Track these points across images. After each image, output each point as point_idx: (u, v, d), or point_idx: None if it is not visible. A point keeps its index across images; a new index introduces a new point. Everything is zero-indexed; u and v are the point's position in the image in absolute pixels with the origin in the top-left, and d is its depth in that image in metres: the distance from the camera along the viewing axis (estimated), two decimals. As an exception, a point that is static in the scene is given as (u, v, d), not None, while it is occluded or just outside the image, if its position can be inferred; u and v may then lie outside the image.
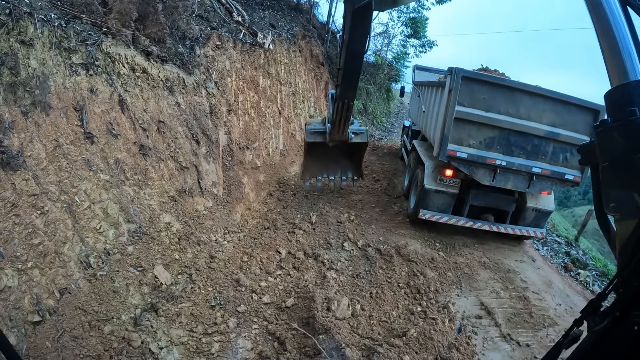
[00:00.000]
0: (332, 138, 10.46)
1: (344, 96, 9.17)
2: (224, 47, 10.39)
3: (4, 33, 5.47)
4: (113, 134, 7.27)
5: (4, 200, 5.37)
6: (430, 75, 14.76)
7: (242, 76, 11.47)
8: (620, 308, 1.62)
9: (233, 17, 10.91)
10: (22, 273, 5.29)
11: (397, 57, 26.71)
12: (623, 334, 1.60)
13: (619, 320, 1.61)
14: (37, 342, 4.99)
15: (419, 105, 12.75)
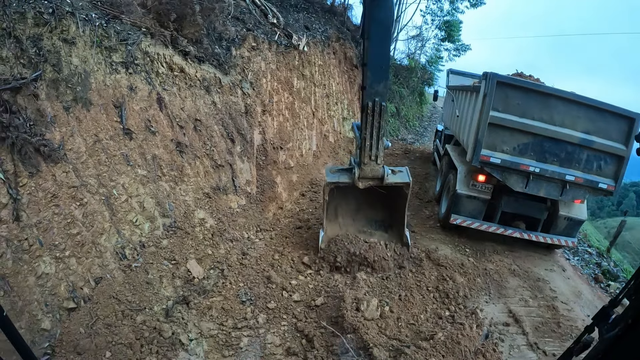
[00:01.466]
0: (364, 173, 7.47)
1: (373, 93, 7.02)
2: (259, 48, 10.37)
3: (47, 31, 5.56)
4: (151, 130, 7.32)
5: (44, 191, 5.45)
6: (464, 80, 14.44)
7: (276, 77, 11.42)
8: (633, 315, 1.56)
9: (268, 19, 10.88)
10: (59, 261, 5.35)
11: (431, 61, 26.19)
12: (635, 341, 1.54)
13: (630, 328, 1.55)
14: (71, 328, 5.02)
15: (453, 110, 12.44)
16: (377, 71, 7.01)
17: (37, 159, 5.40)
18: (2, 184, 4.97)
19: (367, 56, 6.97)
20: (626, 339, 1.57)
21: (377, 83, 7.06)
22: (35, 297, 4.91)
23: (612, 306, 1.82)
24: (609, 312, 1.82)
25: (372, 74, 7.01)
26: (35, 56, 5.41)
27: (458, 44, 25.91)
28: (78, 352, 4.81)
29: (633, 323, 1.55)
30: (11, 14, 5.11)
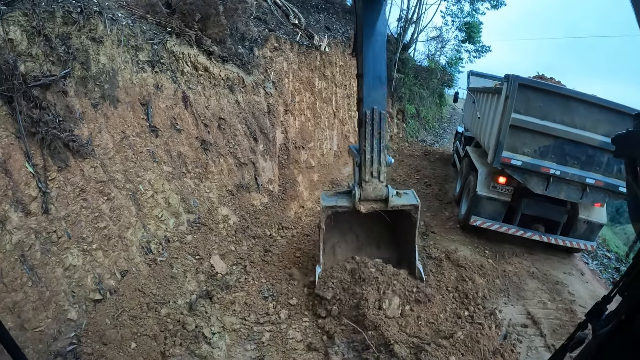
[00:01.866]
0: (366, 194, 6.22)
1: (371, 101, 6.25)
2: (281, 48, 10.29)
3: (75, 30, 5.56)
4: (176, 128, 7.29)
5: (73, 185, 5.44)
6: (485, 82, 14.15)
7: (298, 77, 11.33)
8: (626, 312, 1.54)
9: (290, 20, 10.79)
10: (86, 253, 5.32)
11: (451, 62, 25.59)
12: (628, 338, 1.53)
13: (624, 324, 1.54)
14: (97, 319, 4.98)
15: (474, 112, 12.18)
16: (374, 80, 6.33)
17: (66, 154, 5.39)
18: (32, 177, 4.97)
19: (362, 66, 6.33)
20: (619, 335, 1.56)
21: (374, 91, 6.35)
22: (63, 288, 4.88)
23: (605, 303, 1.78)
24: (602, 308, 1.78)
25: (368, 83, 6.33)
26: (64, 54, 5.41)
27: (478, 45, 25.27)
28: (104, 342, 4.76)
29: (626, 319, 1.53)
30: (40, 13, 5.11)
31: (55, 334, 4.61)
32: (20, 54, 4.93)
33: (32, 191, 4.93)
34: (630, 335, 1.52)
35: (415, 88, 20.78)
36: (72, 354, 4.60)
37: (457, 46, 25.16)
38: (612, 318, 1.62)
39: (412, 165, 15.94)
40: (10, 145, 4.80)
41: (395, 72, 17.82)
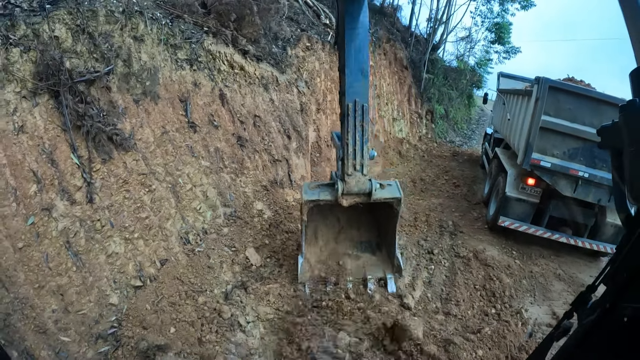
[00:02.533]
0: (349, 187, 5.79)
1: (353, 93, 5.77)
2: (313, 48, 10.12)
3: (118, 28, 5.54)
4: (214, 124, 7.23)
5: (116, 177, 5.43)
6: (515, 83, 13.62)
7: (330, 77, 11.12)
8: (610, 300, 1.54)
9: (321, 20, 10.60)
10: (128, 242, 5.29)
11: (480, 63, 24.55)
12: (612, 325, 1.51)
13: (608, 312, 1.53)
14: (138, 304, 4.92)
15: (504, 113, 11.72)
16: (356, 73, 5.87)
17: (109, 147, 5.38)
18: (77, 168, 4.96)
19: (344, 59, 5.90)
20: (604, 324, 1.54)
21: (357, 83, 5.86)
22: (105, 274, 4.85)
23: (590, 291, 1.76)
24: (587, 297, 1.76)
25: (351, 75, 5.86)
26: (107, 51, 5.40)
27: (508, 46, 24.11)
28: (144, 327, 4.69)
29: (610, 307, 1.52)
30: (84, 12, 5.11)
31: (97, 317, 4.57)
32: (66, 50, 4.94)
33: (77, 181, 4.93)
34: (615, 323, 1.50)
35: (444, 89, 20.16)
36: (113, 336, 4.55)
37: (486, 47, 24.06)
38: (597, 306, 1.60)
39: (441, 166, 15.44)
40: (57, 137, 4.81)
41: (425, 72, 17.35)
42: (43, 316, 4.13)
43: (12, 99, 4.37)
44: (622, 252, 1.54)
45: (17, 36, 4.44)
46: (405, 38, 16.27)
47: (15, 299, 3.97)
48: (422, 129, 18.87)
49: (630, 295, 1.46)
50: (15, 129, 4.38)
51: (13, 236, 4.16)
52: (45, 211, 4.52)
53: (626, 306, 1.44)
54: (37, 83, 4.58)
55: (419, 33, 18.37)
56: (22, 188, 4.35)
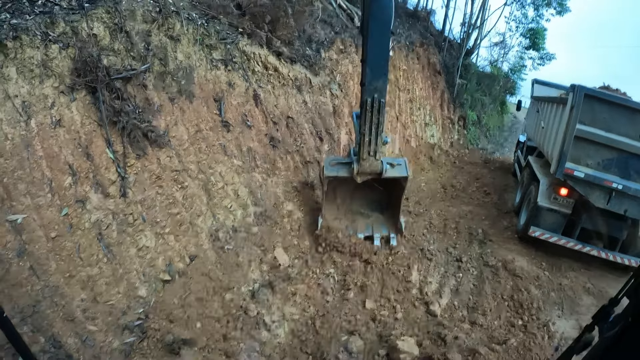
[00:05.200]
0: (363, 169, 6.65)
1: (372, 90, 6.12)
2: (346, 51, 9.88)
3: (155, 28, 5.49)
4: (247, 124, 7.11)
5: (150, 172, 5.35)
6: (549, 90, 12.91)
7: (363, 80, 10.84)
8: (633, 314, 1.47)
9: (354, 23, 10.32)
10: (159, 236, 5.19)
11: (514, 69, 23.55)
12: (635, 340, 1.43)
13: (630, 327, 1.45)
14: (165, 298, 4.81)
15: (538, 121, 11.12)
16: (376, 68, 6.12)
17: (144, 143, 5.31)
18: (112, 162, 4.91)
19: (365, 52, 6.07)
20: (626, 338, 1.46)
21: (376, 79, 6.17)
22: (135, 266, 4.76)
23: (612, 305, 1.69)
24: (609, 311, 1.70)
25: (371, 70, 6.10)
26: (144, 50, 5.36)
27: (542, 52, 23.01)
28: (170, 320, 4.56)
29: (633, 322, 1.45)
30: (122, 11, 5.08)
31: (125, 308, 4.47)
32: (103, 48, 4.91)
33: (111, 175, 4.88)
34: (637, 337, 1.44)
35: (477, 94, 19.40)
36: (140, 328, 4.44)
37: (520, 53, 23.07)
38: (619, 320, 1.54)
39: (472, 173, 14.80)
40: (93, 132, 4.77)
41: (458, 77, 16.74)
42: (72, 305, 4.05)
43: (50, 93, 4.35)
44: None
45: (56, 33, 4.42)
46: (438, 42, 15.73)
47: (45, 286, 3.91)
48: (454, 135, 18.22)
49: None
50: (53, 122, 4.35)
51: (47, 226, 4.11)
52: (79, 203, 4.46)
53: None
54: (75, 79, 4.55)
55: (453, 37, 17.68)
56: (57, 180, 4.31)
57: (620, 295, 1.64)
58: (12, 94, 3.99)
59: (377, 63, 6.12)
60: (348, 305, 6.04)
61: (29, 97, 4.15)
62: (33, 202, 4.06)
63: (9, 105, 3.97)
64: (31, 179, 4.08)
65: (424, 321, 5.84)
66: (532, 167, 9.65)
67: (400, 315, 5.88)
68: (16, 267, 3.76)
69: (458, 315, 6.19)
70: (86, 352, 3.94)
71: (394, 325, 5.63)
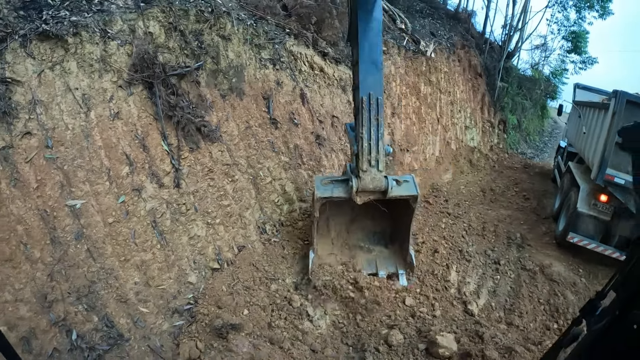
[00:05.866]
0: (364, 184, 4.79)
1: (367, 87, 4.92)
2: (389, 52, 9.35)
3: (207, 27, 5.29)
4: (294, 122, 6.79)
5: (202, 165, 5.15)
6: (591, 95, 11.79)
7: (405, 82, 10.25)
8: (619, 307, 1.40)
9: (396, 24, 9.77)
10: (210, 226, 4.96)
11: (555, 73, 21.65)
12: (622, 332, 1.37)
13: (618, 320, 1.39)
14: (215, 285, 4.55)
15: (579, 126, 10.10)
16: (370, 66, 5.02)
17: (197, 137, 5.12)
18: (167, 155, 4.72)
19: (357, 53, 5.02)
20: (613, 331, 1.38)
21: (370, 76, 5.02)
22: (186, 254, 4.54)
23: (599, 298, 1.58)
24: (596, 304, 1.58)
25: (364, 69, 5.01)
26: (197, 48, 5.16)
27: (584, 56, 21.08)
28: (219, 306, 4.28)
29: (620, 315, 1.37)
30: (176, 11, 4.90)
31: (176, 293, 4.24)
32: (159, 45, 4.75)
33: (166, 167, 4.70)
34: (624, 330, 1.35)
35: (518, 98, 17.97)
36: (189, 312, 4.23)
37: (562, 56, 21.18)
38: (606, 314, 1.45)
39: (511, 178, 13.74)
40: (149, 125, 4.60)
41: (499, 80, 15.58)
42: (125, 287, 3.87)
43: (109, 87, 4.22)
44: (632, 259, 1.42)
45: (114, 31, 4.29)
46: (479, 44, 14.70)
47: (101, 269, 3.75)
48: (493, 139, 17.01)
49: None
50: (111, 115, 4.21)
51: (104, 212, 3.96)
52: (136, 192, 4.29)
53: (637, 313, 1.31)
54: (133, 74, 4.40)
55: (494, 40, 16.45)
56: (115, 169, 4.16)
57: (607, 288, 1.55)
58: (72, 87, 3.88)
59: (370, 62, 5.03)
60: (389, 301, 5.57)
61: (89, 90, 4.03)
62: (92, 189, 3.92)
63: (70, 97, 3.86)
64: (90, 167, 3.95)
65: (462, 319, 5.43)
66: (572, 173, 8.84)
67: (439, 313, 5.46)
68: (74, 249, 3.62)
69: (495, 316, 5.82)
70: (137, 332, 3.77)
71: (433, 321, 5.23)
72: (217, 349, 3.86)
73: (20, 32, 3.51)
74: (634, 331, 1.31)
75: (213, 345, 3.90)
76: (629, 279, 1.45)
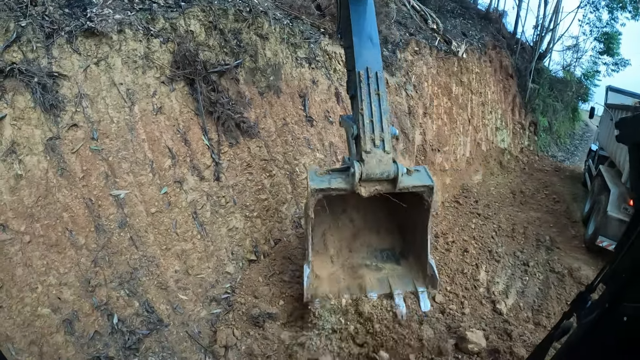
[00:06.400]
0: (369, 170, 3.43)
1: (363, 62, 3.80)
2: (421, 52, 8.84)
3: (245, 26, 5.08)
4: (329, 120, 6.47)
5: (241, 160, 4.94)
6: (624, 98, 10.80)
7: (437, 82, 9.68)
8: (609, 300, 1.35)
9: (428, 25, 9.24)
10: (247, 219, 4.72)
11: (587, 75, 20.04)
12: (612, 325, 1.32)
13: (608, 312, 1.33)
14: (251, 275, 4.32)
15: (611, 129, 9.17)
16: (365, 42, 3.93)
17: (236, 132, 4.90)
18: (207, 149, 4.53)
19: (350, 34, 3.94)
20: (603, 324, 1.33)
21: (366, 51, 3.89)
22: (225, 245, 4.31)
23: (589, 292, 1.52)
24: (586, 297, 1.50)
25: (359, 45, 3.90)
26: (236, 47, 4.96)
27: (617, 58, 19.41)
28: (255, 296, 4.04)
29: (609, 308, 1.32)
30: (215, 10, 4.71)
31: (214, 282, 4.02)
32: (200, 43, 4.58)
33: (206, 160, 4.51)
34: (614, 323, 1.30)
35: (549, 100, 16.70)
36: (226, 301, 4.01)
37: (594, 58, 19.55)
38: (596, 307, 1.40)
39: (542, 180, 12.87)
40: (190, 120, 4.42)
41: (530, 82, 14.55)
42: (166, 275, 3.68)
43: (152, 83, 4.06)
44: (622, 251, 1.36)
45: (156, 28, 4.15)
46: (510, 45, 13.77)
47: (143, 256, 3.57)
48: (524, 141, 15.92)
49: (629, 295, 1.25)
50: (154, 109, 4.05)
51: (147, 202, 3.79)
52: (177, 183, 4.11)
53: (626, 305, 1.24)
54: (175, 71, 4.24)
55: (525, 40, 15.33)
56: (157, 161, 3.99)
57: (597, 281, 1.49)
58: (117, 82, 3.74)
59: (365, 36, 3.97)
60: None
61: (133, 85, 3.89)
62: (135, 180, 3.75)
63: (115, 92, 3.72)
64: (134, 159, 3.79)
65: (490, 318, 5.14)
66: (603, 177, 8.19)
67: (468, 311, 5.16)
68: (117, 237, 3.45)
69: (523, 316, 5.57)
70: (176, 318, 3.58)
71: (462, 318, 4.92)
72: (253, 337, 3.64)
73: (65, 28, 3.41)
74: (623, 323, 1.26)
75: (249, 333, 3.68)
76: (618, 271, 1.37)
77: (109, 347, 3.20)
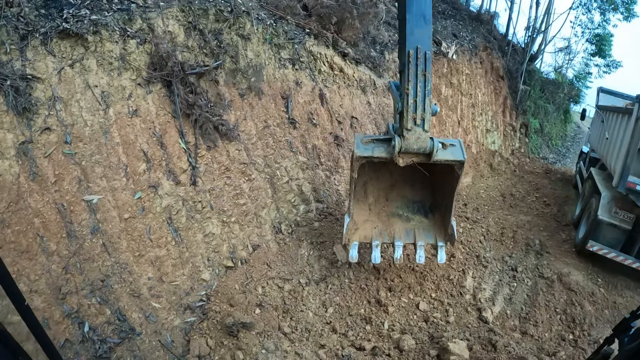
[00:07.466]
0: (408, 144, 4.30)
1: (414, 40, 4.40)
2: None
3: (226, 27, 5.23)
4: (313, 122, 6.67)
5: (219, 164, 5.09)
6: (615, 100, 11.17)
7: (426, 83, 9.96)
8: None
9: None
10: (225, 225, 4.89)
11: (579, 76, 20.64)
12: None
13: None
14: (228, 283, 4.49)
15: (602, 131, 9.57)
16: (417, 19, 4.47)
17: (215, 135, 5.06)
18: (184, 152, 4.68)
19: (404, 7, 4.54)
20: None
21: (418, 29, 4.47)
22: (201, 251, 4.47)
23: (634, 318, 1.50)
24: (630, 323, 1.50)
25: (412, 21, 4.46)
26: (216, 47, 5.11)
27: (609, 59, 20.04)
28: (231, 304, 4.20)
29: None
30: (195, 10, 4.86)
31: (188, 289, 4.19)
32: (178, 44, 4.72)
33: (183, 164, 4.65)
34: None
35: (540, 102, 17.20)
36: (201, 309, 4.17)
37: (586, 59, 20.17)
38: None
39: (532, 183, 13.24)
40: (167, 123, 4.57)
41: (522, 83, 15.00)
42: (139, 282, 3.83)
43: (128, 85, 4.19)
44: None
45: (133, 29, 4.27)
46: (502, 46, 14.17)
47: (115, 263, 3.71)
48: (515, 143, 16.38)
49: None
50: (130, 112, 4.19)
51: (121, 207, 3.93)
52: (152, 188, 4.26)
53: None
54: (151, 72, 4.38)
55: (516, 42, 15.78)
56: (132, 165, 4.13)
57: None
58: (92, 84, 3.87)
59: (417, 13, 4.50)
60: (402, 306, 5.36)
61: (108, 87, 4.02)
62: (109, 185, 3.89)
63: (89, 94, 3.84)
64: (108, 163, 3.93)
65: (475, 326, 5.24)
66: (594, 179, 8.45)
67: (452, 319, 5.29)
68: (89, 243, 3.60)
69: (510, 324, 5.66)
70: (149, 327, 3.73)
71: (446, 327, 5.07)
72: (227, 347, 3.79)
73: (40, 30, 3.52)
74: None
75: (223, 343, 3.83)
76: None
77: (79, 356, 3.34)
